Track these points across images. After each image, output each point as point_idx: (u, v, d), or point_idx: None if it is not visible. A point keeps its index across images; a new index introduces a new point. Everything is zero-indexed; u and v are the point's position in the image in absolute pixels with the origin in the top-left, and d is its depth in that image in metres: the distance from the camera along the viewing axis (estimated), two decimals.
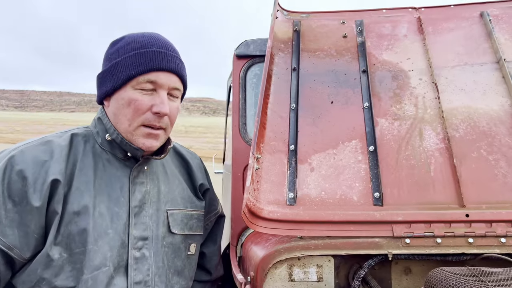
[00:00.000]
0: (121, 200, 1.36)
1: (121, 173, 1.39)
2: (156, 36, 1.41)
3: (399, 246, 1.44)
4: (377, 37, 1.96)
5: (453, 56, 1.86)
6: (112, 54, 1.40)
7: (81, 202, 1.27)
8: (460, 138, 1.64)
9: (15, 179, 1.22)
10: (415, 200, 1.53)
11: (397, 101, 1.76)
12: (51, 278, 1.23)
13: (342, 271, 1.53)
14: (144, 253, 1.37)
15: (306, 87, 1.83)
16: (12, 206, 1.21)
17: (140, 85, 1.33)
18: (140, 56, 1.33)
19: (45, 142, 1.32)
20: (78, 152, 1.35)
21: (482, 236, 1.43)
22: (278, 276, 1.48)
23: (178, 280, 1.49)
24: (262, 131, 1.66)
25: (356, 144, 1.67)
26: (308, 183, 1.58)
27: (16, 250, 1.21)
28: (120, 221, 1.34)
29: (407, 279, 1.54)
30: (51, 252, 1.22)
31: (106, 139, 1.38)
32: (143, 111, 1.34)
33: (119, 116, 1.36)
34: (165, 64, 1.34)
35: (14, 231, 1.21)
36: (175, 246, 1.48)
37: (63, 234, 1.24)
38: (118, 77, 1.34)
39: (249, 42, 2.21)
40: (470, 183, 1.55)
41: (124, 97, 1.34)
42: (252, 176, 1.50)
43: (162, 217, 1.45)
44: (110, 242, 1.30)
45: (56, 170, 1.26)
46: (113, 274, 1.31)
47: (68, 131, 1.41)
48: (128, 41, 1.38)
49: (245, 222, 1.43)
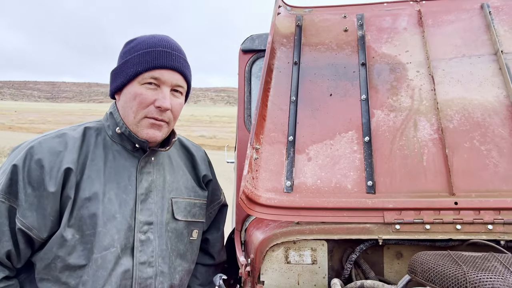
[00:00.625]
0: (129, 188, 1.49)
1: (130, 164, 1.52)
2: (165, 38, 1.54)
3: (389, 232, 1.52)
4: (377, 30, 2.01)
5: (451, 48, 1.90)
6: (124, 53, 1.54)
7: (92, 189, 1.42)
8: (454, 129, 1.69)
9: (34, 167, 1.37)
10: (406, 189, 1.60)
11: (394, 93, 1.82)
12: (65, 256, 1.37)
13: (335, 255, 1.63)
14: (149, 236, 1.51)
15: (307, 80, 1.91)
16: (31, 191, 1.36)
17: (145, 80, 1.46)
18: (147, 54, 1.47)
19: (61, 135, 1.47)
20: (90, 144, 1.49)
21: (470, 223, 1.50)
22: (275, 258, 1.59)
23: (181, 263, 1.62)
24: (262, 123, 1.76)
25: (352, 135, 1.74)
26: (305, 172, 1.68)
27: (34, 231, 1.36)
28: (127, 206, 1.47)
29: (399, 263, 1.62)
30: (65, 233, 1.37)
31: (116, 132, 1.52)
32: (147, 104, 1.47)
33: (126, 109, 1.50)
34: (168, 62, 1.47)
35: (33, 213, 1.36)
36: (178, 232, 1.61)
37: (76, 217, 1.38)
38: (127, 73, 1.48)
39: (254, 37, 2.29)
40: (461, 172, 1.60)
41: (131, 91, 1.48)
42: (250, 165, 1.61)
43: (166, 204, 1.58)
44: (117, 225, 1.44)
45: (69, 160, 1.41)
46: (120, 255, 1.44)
47: (82, 124, 1.56)
48: (138, 42, 1.53)
49: (243, 207, 1.54)
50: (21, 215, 1.35)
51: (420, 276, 1.29)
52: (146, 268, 1.49)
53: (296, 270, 1.59)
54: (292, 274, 1.59)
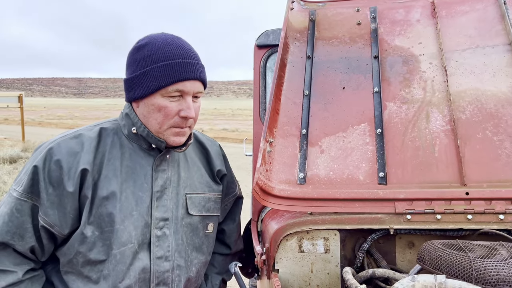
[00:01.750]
0: (145, 186, 1.55)
1: (145, 162, 1.57)
2: (180, 44, 1.53)
3: (401, 222, 1.55)
4: (390, 23, 2.02)
5: (464, 39, 1.90)
6: (139, 62, 1.50)
7: (109, 188, 1.48)
8: (466, 120, 1.70)
9: (54, 168, 1.43)
10: (418, 179, 1.63)
11: (406, 85, 1.84)
12: (86, 251, 1.45)
13: (348, 244, 1.67)
14: (165, 232, 1.57)
15: (320, 74, 1.94)
16: (52, 191, 1.43)
17: (169, 94, 1.48)
18: (168, 68, 1.46)
19: (78, 135, 1.52)
20: (106, 144, 1.54)
21: (481, 213, 1.52)
22: (289, 247, 1.65)
23: (197, 255, 1.68)
24: (275, 117, 1.81)
25: (365, 127, 1.78)
26: (318, 164, 1.72)
27: (56, 227, 1.44)
28: (143, 204, 1.53)
29: (411, 253, 1.66)
30: (85, 231, 1.44)
31: (132, 132, 1.56)
32: (172, 116, 1.50)
33: (150, 119, 1.53)
34: (191, 74, 1.49)
35: (54, 211, 1.43)
36: (193, 226, 1.67)
37: (95, 215, 1.45)
38: (148, 86, 1.48)
39: (269, 32, 2.34)
40: (472, 162, 1.62)
41: (154, 104, 1.49)
42: (264, 157, 1.66)
43: (181, 200, 1.63)
44: (134, 222, 1.50)
45: (86, 161, 1.46)
46: (138, 250, 1.51)
47: (98, 124, 1.61)
48: (153, 50, 1.49)
49: (257, 199, 1.61)
50: (44, 213, 1.42)
51: (428, 264, 1.33)
52: (163, 263, 1.55)
53: (309, 259, 1.65)
54: (305, 262, 1.65)
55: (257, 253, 1.83)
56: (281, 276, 1.64)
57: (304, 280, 1.65)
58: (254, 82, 2.33)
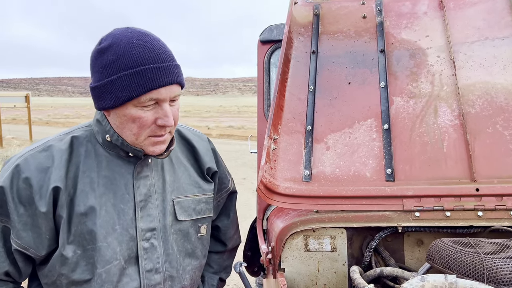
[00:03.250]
0: (126, 196, 1.42)
1: (125, 170, 1.43)
2: (148, 44, 1.33)
3: (409, 219, 1.52)
4: (397, 16, 1.98)
5: (473, 31, 1.85)
6: (104, 68, 1.32)
7: (87, 203, 1.35)
8: (476, 114, 1.66)
9: (23, 186, 1.30)
10: (426, 176, 1.59)
11: (414, 79, 1.79)
12: (68, 273, 1.35)
13: (355, 242, 1.64)
14: (153, 243, 1.45)
15: (325, 69, 1.91)
16: (24, 211, 1.30)
17: (142, 104, 1.31)
18: (138, 76, 1.29)
19: (47, 147, 1.37)
20: (80, 154, 1.38)
21: (492, 210, 1.48)
22: (295, 246, 1.62)
23: (190, 262, 1.57)
24: (280, 113, 1.77)
25: (371, 123, 1.74)
26: (324, 161, 1.69)
27: (31, 250, 1.33)
28: (126, 216, 1.41)
29: (419, 251, 1.62)
30: (64, 252, 1.33)
31: (106, 139, 1.41)
32: (148, 125, 1.35)
33: (124, 130, 1.37)
34: (165, 80, 1.32)
35: (28, 233, 1.31)
36: (184, 232, 1.55)
37: (75, 234, 1.34)
38: (118, 97, 1.31)
39: (273, 28, 2.30)
40: (483, 158, 1.58)
41: (127, 114, 1.33)
42: (268, 155, 1.63)
43: (168, 207, 1.50)
44: (118, 237, 1.39)
45: (57, 177, 1.32)
46: (125, 265, 1.41)
47: (69, 132, 1.45)
48: (118, 53, 1.30)
49: (262, 197, 1.58)
50: (16, 236, 1.31)
51: (438, 263, 1.29)
52: (153, 275, 1.45)
53: (316, 258, 1.62)
54: (312, 261, 1.62)
55: (263, 252, 1.80)
56: (287, 275, 1.62)
57: (310, 279, 1.62)
58: (258, 78, 2.30)
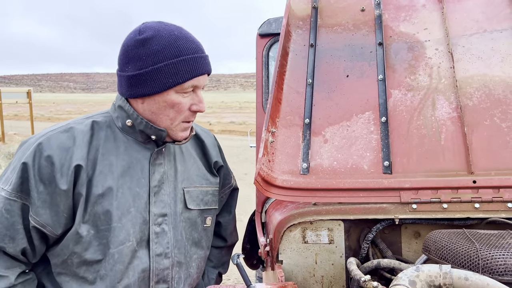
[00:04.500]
0: (142, 181, 1.48)
1: (142, 156, 1.50)
2: (188, 36, 1.46)
3: (406, 211, 1.52)
4: (395, 8, 1.98)
5: (471, 23, 1.84)
6: (148, 57, 1.40)
7: (104, 184, 1.40)
8: (473, 107, 1.66)
9: (44, 164, 1.34)
10: (424, 168, 1.59)
11: (412, 72, 1.79)
12: (81, 252, 1.39)
13: (353, 235, 1.65)
14: (163, 228, 1.51)
15: (323, 62, 1.91)
16: (44, 189, 1.35)
17: (184, 90, 1.44)
18: (184, 64, 1.41)
19: (68, 129, 1.43)
20: (100, 138, 1.46)
21: (489, 202, 1.48)
22: (293, 238, 1.63)
23: (196, 251, 1.64)
24: (278, 106, 1.78)
25: (369, 115, 1.74)
26: (321, 154, 1.69)
27: (48, 227, 1.37)
28: (141, 200, 1.47)
29: (417, 243, 1.63)
30: (80, 230, 1.37)
31: (126, 124, 1.48)
32: (184, 111, 1.47)
33: (160, 116, 1.46)
34: (204, 69, 1.46)
35: (46, 211, 1.36)
36: (192, 220, 1.62)
37: (90, 214, 1.38)
38: (164, 83, 1.40)
39: (271, 21, 2.30)
40: (480, 150, 1.58)
41: (167, 100, 1.43)
42: (266, 148, 1.64)
43: (179, 195, 1.58)
44: (132, 219, 1.44)
45: (79, 156, 1.38)
46: (136, 248, 1.46)
47: (89, 117, 1.52)
48: (163, 44, 1.40)
49: (259, 189, 1.59)
50: (35, 213, 1.35)
51: (434, 254, 1.30)
52: (162, 260, 1.51)
53: (313, 250, 1.63)
54: (309, 253, 1.63)
55: (261, 244, 1.81)
56: (285, 267, 1.62)
57: (308, 271, 1.63)
58: (257, 72, 2.30)
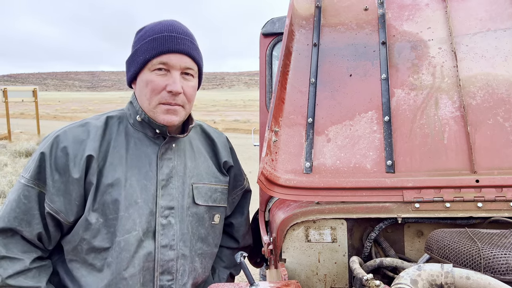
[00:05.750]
0: (150, 174, 1.55)
1: (151, 150, 1.58)
2: (171, 22, 1.56)
3: (409, 210, 1.53)
4: (398, 7, 1.98)
5: (475, 22, 1.84)
6: (135, 43, 1.58)
7: (114, 175, 1.48)
8: (477, 106, 1.66)
9: (60, 155, 1.45)
10: (426, 167, 1.60)
11: (415, 71, 1.80)
12: (90, 239, 1.46)
13: (356, 233, 1.66)
14: (170, 220, 1.57)
15: (326, 62, 1.91)
16: (58, 177, 1.44)
17: (154, 67, 1.50)
18: (153, 41, 1.50)
19: (84, 124, 1.55)
20: (112, 132, 1.55)
21: (492, 201, 1.48)
22: (296, 237, 1.64)
23: (201, 246, 1.68)
24: (281, 106, 1.79)
25: (372, 115, 1.74)
26: (324, 153, 1.70)
27: (62, 214, 1.45)
28: (148, 192, 1.54)
29: (420, 241, 1.63)
30: (89, 217, 1.45)
31: (137, 120, 1.58)
32: (159, 90, 1.51)
33: (141, 96, 1.55)
34: (174, 46, 1.49)
35: (60, 198, 1.45)
36: (199, 216, 1.66)
37: (99, 202, 1.46)
38: (137, 62, 1.52)
39: (275, 20, 2.30)
40: (483, 149, 1.58)
41: (143, 79, 1.52)
42: (269, 147, 1.65)
43: (187, 190, 1.63)
44: (139, 210, 1.51)
45: (91, 148, 1.48)
46: (142, 238, 1.51)
47: (105, 114, 1.63)
48: (146, 30, 1.56)
49: (262, 188, 1.60)
50: (49, 199, 1.44)
51: (436, 253, 1.31)
52: (167, 251, 1.56)
53: (316, 248, 1.63)
54: (312, 252, 1.64)
55: (265, 243, 1.82)
56: (288, 266, 1.63)
57: (311, 269, 1.64)
58: (260, 71, 2.31)
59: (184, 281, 1.62)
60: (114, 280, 1.47)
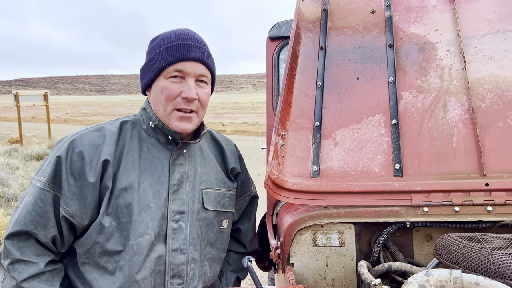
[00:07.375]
0: (162, 179, 1.58)
1: (163, 156, 1.61)
2: (185, 31, 1.60)
3: (417, 214, 1.51)
4: (406, 10, 1.96)
5: (484, 24, 1.82)
6: (150, 51, 1.62)
7: (128, 179, 1.51)
8: (486, 108, 1.64)
9: (76, 159, 1.47)
10: (435, 171, 1.58)
11: (423, 74, 1.78)
12: (103, 242, 1.48)
13: (364, 238, 1.64)
14: (180, 224, 1.59)
15: (333, 65, 1.90)
16: (74, 182, 1.47)
17: (170, 74, 1.53)
18: (169, 49, 1.54)
19: (99, 129, 1.57)
20: (126, 137, 1.58)
21: (502, 205, 1.46)
22: (304, 241, 1.63)
23: (210, 250, 1.70)
24: (287, 109, 1.78)
25: (380, 118, 1.73)
26: (332, 156, 1.69)
27: (76, 218, 1.48)
28: (160, 196, 1.56)
29: (428, 246, 1.62)
30: (103, 221, 1.48)
31: (150, 126, 1.61)
32: (174, 97, 1.54)
33: (156, 103, 1.58)
34: (189, 54, 1.53)
35: (75, 202, 1.47)
36: (208, 221, 1.69)
37: (113, 206, 1.49)
38: (153, 69, 1.56)
39: (281, 24, 2.30)
40: (493, 152, 1.56)
41: (158, 86, 1.56)
42: (276, 151, 1.65)
43: (197, 195, 1.66)
44: (151, 214, 1.53)
45: (107, 152, 1.50)
46: (154, 241, 1.54)
47: (119, 119, 1.66)
48: (161, 38, 1.60)
49: (269, 193, 1.59)
50: (65, 203, 1.46)
51: (445, 258, 1.29)
52: (178, 255, 1.58)
53: (324, 253, 1.63)
54: (320, 256, 1.63)
55: (272, 247, 1.82)
56: (296, 270, 1.63)
57: (319, 274, 1.63)
58: (267, 75, 2.31)
59: (195, 285, 1.64)
60: (126, 283, 1.49)
